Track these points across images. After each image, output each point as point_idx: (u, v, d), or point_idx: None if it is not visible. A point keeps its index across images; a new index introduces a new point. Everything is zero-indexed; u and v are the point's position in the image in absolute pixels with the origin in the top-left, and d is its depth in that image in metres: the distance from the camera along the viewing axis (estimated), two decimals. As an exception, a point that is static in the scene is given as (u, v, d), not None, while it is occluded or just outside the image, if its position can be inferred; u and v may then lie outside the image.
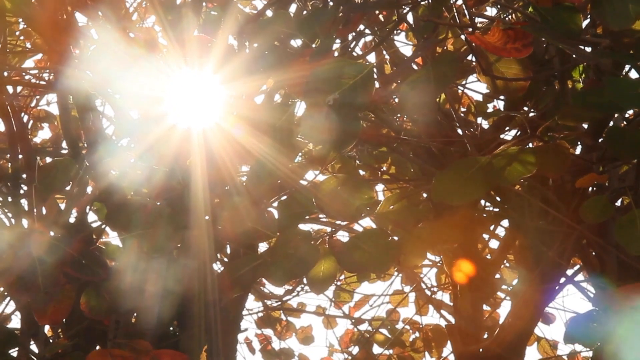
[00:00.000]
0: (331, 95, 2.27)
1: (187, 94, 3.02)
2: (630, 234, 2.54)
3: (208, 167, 3.00)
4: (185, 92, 3.03)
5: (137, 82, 3.19)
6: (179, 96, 3.06)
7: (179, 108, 3.07)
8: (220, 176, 3.05)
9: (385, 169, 4.25)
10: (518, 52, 2.30)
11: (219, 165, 2.99)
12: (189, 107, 3.03)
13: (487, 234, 4.15)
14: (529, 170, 2.48)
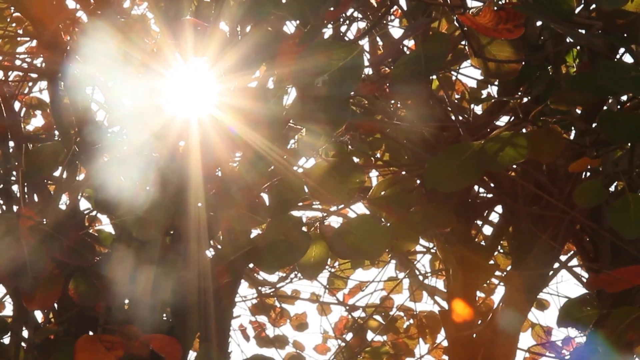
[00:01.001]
0: (320, 77, 2.25)
1: (180, 81, 3.00)
2: (624, 218, 2.53)
3: (200, 154, 2.99)
4: (178, 79, 3.01)
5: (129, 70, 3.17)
6: (171, 83, 3.05)
7: (172, 95, 3.06)
8: (213, 162, 3.04)
9: (379, 156, 4.23)
10: (510, 32, 2.28)
11: (212, 152, 2.97)
12: (182, 94, 3.02)
13: (481, 220, 4.14)
14: (522, 155, 2.47)
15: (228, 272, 2.86)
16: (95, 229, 3.78)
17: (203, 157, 2.99)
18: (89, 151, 3.32)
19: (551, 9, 2.25)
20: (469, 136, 3.06)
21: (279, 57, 2.66)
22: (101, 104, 3.79)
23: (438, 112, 3.55)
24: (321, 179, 2.84)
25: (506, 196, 3.50)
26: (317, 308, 5.51)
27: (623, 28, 2.38)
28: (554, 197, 3.19)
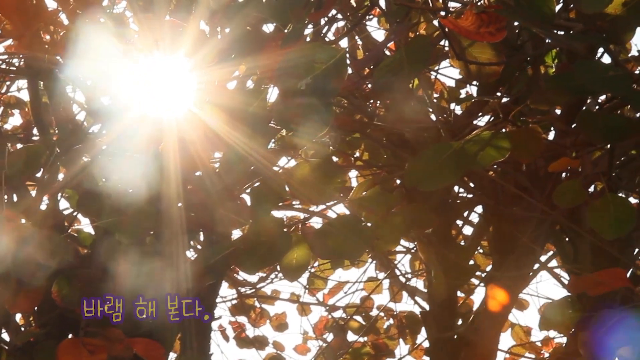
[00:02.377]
0: (303, 80, 2.25)
1: (159, 80, 2.99)
2: (604, 218, 2.54)
3: (180, 154, 2.98)
4: (157, 78, 3.00)
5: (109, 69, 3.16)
6: (150, 82, 3.04)
7: (151, 94, 3.05)
8: (193, 163, 3.03)
9: (359, 155, 4.24)
10: (492, 36, 2.28)
11: (192, 152, 2.97)
12: (161, 93, 3.01)
13: (461, 220, 4.15)
14: (502, 155, 2.47)
15: (209, 274, 2.86)
16: (74, 229, 3.77)
17: (183, 156, 2.99)
18: (70, 151, 3.31)
19: (532, 12, 2.26)
20: (449, 136, 3.07)
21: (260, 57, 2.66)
22: (81, 104, 3.77)
23: (418, 112, 3.56)
24: (303, 180, 2.84)
25: (486, 196, 3.52)
26: (297, 308, 5.51)
27: (602, 29, 2.39)
28: (534, 198, 3.20)
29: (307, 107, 2.28)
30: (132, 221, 2.98)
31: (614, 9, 2.34)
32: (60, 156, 3.32)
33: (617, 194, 3.11)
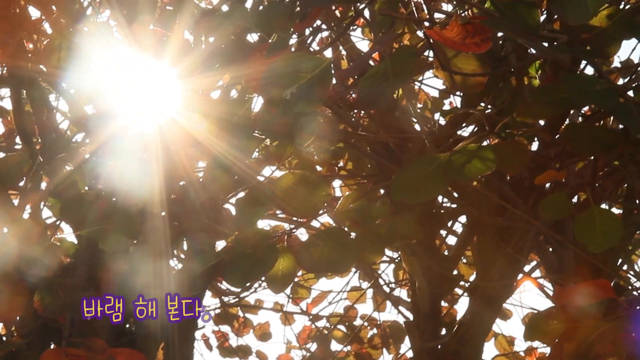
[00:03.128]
0: (288, 89, 2.24)
1: (143, 89, 2.99)
2: (590, 231, 2.54)
3: (164, 163, 2.97)
4: (141, 87, 2.99)
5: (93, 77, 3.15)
6: (134, 91, 3.03)
7: (135, 103, 3.04)
8: (177, 172, 3.02)
9: (343, 165, 4.23)
10: (477, 47, 2.28)
11: (176, 161, 2.96)
12: (145, 102, 3.00)
13: (445, 230, 4.15)
14: (489, 168, 2.47)
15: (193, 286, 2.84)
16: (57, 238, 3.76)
17: (167, 165, 2.98)
18: (53, 160, 3.29)
19: (517, 23, 2.26)
20: (434, 147, 3.07)
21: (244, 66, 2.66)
22: (65, 113, 3.76)
23: (402, 123, 3.56)
24: (288, 192, 2.83)
25: (470, 207, 3.52)
26: (281, 318, 5.50)
27: (587, 42, 2.39)
28: (518, 209, 3.21)
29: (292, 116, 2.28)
30: (116, 230, 2.96)
31: (599, 21, 2.35)
32: (43, 165, 3.31)
33: (601, 204, 3.12)
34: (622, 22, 2.32)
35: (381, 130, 3.56)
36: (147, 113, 2.99)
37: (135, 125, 3.05)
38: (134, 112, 3.03)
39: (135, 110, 3.03)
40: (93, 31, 3.38)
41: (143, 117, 3.01)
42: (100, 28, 3.48)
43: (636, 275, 3.95)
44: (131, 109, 3.05)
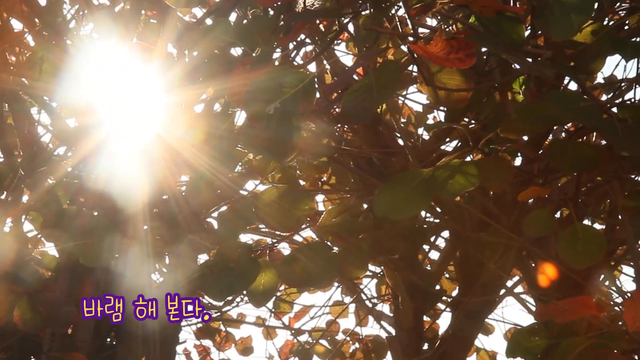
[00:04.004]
0: (272, 104, 2.23)
1: (126, 102, 2.97)
2: (573, 248, 2.54)
3: (146, 177, 2.96)
4: (124, 100, 2.98)
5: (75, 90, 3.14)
6: (117, 104, 3.02)
7: (118, 116, 3.03)
8: (159, 186, 3.01)
9: (326, 179, 4.23)
10: (461, 62, 2.27)
11: (158, 175, 2.95)
12: (128, 115, 2.98)
13: (428, 245, 4.15)
14: (472, 183, 2.46)
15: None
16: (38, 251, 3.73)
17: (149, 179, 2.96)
18: (34, 174, 3.28)
19: (502, 38, 2.26)
20: (417, 162, 3.07)
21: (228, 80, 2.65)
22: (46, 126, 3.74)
23: (386, 138, 3.56)
24: (271, 206, 2.82)
25: (453, 222, 3.51)
26: (263, 332, 5.48)
27: (571, 58, 2.40)
28: (501, 224, 3.20)
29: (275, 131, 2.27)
30: (97, 244, 2.94)
31: (584, 38, 2.35)
32: (24, 178, 3.29)
33: (583, 220, 3.12)
34: (606, 38, 2.33)
35: (365, 145, 3.56)
36: (130, 126, 2.98)
37: (118, 139, 3.03)
38: (117, 125, 3.02)
39: (118, 123, 3.02)
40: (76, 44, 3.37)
41: (126, 131, 3.00)
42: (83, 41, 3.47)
43: (618, 291, 3.96)
44: (114, 122, 3.04)
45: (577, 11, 2.10)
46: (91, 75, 3.14)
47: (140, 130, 2.93)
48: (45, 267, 3.38)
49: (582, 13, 2.10)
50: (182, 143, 2.72)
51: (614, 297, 3.85)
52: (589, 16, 2.10)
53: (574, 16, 2.11)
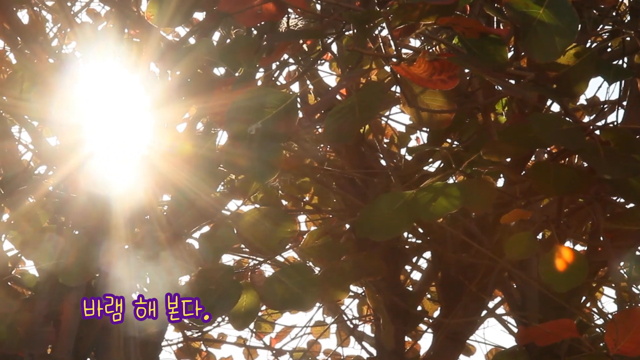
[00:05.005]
0: (253, 124, 2.22)
1: (108, 121, 2.96)
2: (555, 271, 2.53)
3: (128, 196, 2.94)
4: (106, 119, 2.97)
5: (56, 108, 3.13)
6: (99, 123, 3.01)
7: (99, 135, 3.02)
8: (141, 205, 2.99)
9: (308, 199, 4.22)
10: (444, 83, 2.27)
11: (139, 194, 2.93)
12: (110, 134, 2.97)
13: (409, 266, 4.14)
14: (455, 206, 2.46)
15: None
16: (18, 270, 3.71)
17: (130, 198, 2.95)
18: (15, 193, 3.25)
19: (485, 60, 2.26)
20: (399, 183, 3.06)
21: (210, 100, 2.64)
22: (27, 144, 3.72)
23: (368, 158, 3.56)
24: (253, 227, 2.81)
25: (435, 243, 3.51)
26: (244, 352, 5.45)
27: (554, 80, 2.40)
28: (482, 245, 3.20)
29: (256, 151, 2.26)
30: (77, 264, 2.92)
31: (567, 60, 2.35)
32: (4, 197, 3.27)
33: (565, 242, 3.12)
34: (590, 61, 2.33)
35: (347, 165, 3.55)
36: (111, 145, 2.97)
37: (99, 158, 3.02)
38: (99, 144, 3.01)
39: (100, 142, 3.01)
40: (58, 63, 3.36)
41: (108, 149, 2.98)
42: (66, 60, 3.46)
43: (599, 313, 3.96)
44: (96, 141, 3.02)
45: (561, 34, 2.11)
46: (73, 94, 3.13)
47: (122, 149, 2.91)
48: (24, 286, 3.35)
49: (565, 36, 2.11)
50: (164, 162, 2.71)
51: (595, 319, 3.85)
52: (572, 39, 2.10)
53: (558, 39, 2.11)
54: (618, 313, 2.64)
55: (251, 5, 2.45)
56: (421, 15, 2.21)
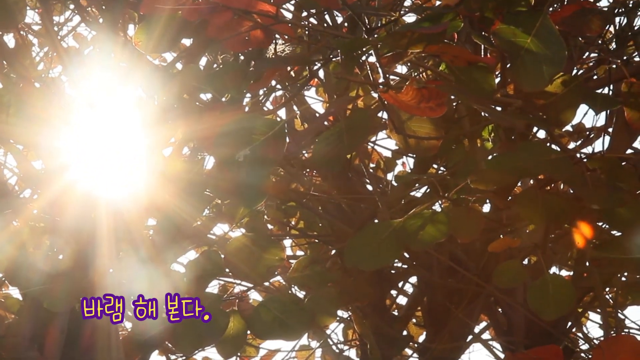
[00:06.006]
0: (242, 151, 2.22)
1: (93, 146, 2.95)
2: (543, 299, 2.53)
3: (113, 221, 2.93)
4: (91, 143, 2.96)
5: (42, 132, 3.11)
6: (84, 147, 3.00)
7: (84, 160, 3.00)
8: (126, 230, 2.98)
9: (294, 224, 4.21)
10: (432, 111, 2.28)
11: (125, 219, 2.92)
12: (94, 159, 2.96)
13: (395, 290, 4.13)
14: (443, 234, 2.46)
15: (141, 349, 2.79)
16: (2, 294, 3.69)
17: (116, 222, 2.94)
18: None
19: (473, 88, 2.26)
20: (386, 209, 3.06)
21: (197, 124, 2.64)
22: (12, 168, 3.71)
23: (355, 183, 3.55)
24: (240, 255, 2.80)
25: (421, 268, 3.51)
26: (228, 376, 5.43)
27: (542, 108, 2.40)
28: (469, 271, 3.20)
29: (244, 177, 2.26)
30: (63, 289, 2.90)
31: (554, 88, 2.36)
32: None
33: (551, 267, 3.12)
34: (577, 90, 2.34)
35: (334, 191, 3.55)
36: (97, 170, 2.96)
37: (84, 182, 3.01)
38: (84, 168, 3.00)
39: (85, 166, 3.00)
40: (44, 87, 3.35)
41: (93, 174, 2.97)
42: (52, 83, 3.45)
43: (585, 339, 3.96)
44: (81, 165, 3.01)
45: (549, 62, 2.11)
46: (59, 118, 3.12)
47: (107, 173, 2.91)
48: (8, 310, 3.33)
49: (553, 64, 2.11)
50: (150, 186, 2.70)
51: (580, 344, 3.86)
52: (560, 68, 2.10)
53: (546, 67, 2.11)
54: (605, 339, 2.65)
55: (239, 31, 2.45)
56: (409, 43, 2.21)
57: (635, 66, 2.65)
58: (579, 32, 2.73)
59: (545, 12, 2.16)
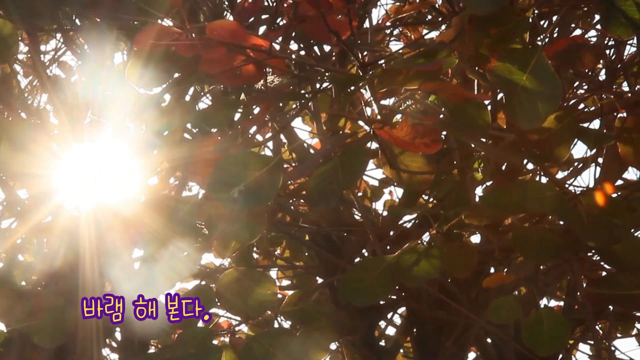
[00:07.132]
0: (236, 187, 2.21)
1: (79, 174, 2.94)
2: (537, 335, 2.52)
3: (100, 251, 2.91)
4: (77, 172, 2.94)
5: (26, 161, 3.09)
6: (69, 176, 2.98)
7: (70, 188, 2.98)
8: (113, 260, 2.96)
9: (280, 252, 4.20)
10: (427, 147, 2.28)
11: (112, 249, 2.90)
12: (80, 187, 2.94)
13: (384, 321, 4.11)
14: (437, 270, 2.46)
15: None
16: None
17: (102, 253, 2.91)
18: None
19: (467, 124, 2.25)
20: (376, 239, 3.04)
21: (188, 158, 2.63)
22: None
23: (344, 214, 3.54)
24: (231, 289, 2.78)
25: (411, 299, 3.49)
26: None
27: (536, 144, 2.39)
28: (459, 303, 3.19)
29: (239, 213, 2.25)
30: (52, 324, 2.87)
31: (548, 123, 2.35)
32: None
33: (542, 299, 3.12)
34: (571, 126, 2.33)
35: (322, 221, 3.53)
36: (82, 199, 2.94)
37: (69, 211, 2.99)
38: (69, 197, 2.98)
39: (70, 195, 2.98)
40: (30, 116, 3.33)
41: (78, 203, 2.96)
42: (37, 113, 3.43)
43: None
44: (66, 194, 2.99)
45: (545, 100, 2.10)
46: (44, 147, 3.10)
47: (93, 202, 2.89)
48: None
49: (549, 102, 2.10)
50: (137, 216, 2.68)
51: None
52: (556, 105, 2.10)
53: (541, 105, 2.10)
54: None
55: (232, 66, 2.44)
56: (405, 80, 2.21)
57: (626, 99, 2.65)
58: (572, 66, 2.73)
59: (540, 49, 2.16)
